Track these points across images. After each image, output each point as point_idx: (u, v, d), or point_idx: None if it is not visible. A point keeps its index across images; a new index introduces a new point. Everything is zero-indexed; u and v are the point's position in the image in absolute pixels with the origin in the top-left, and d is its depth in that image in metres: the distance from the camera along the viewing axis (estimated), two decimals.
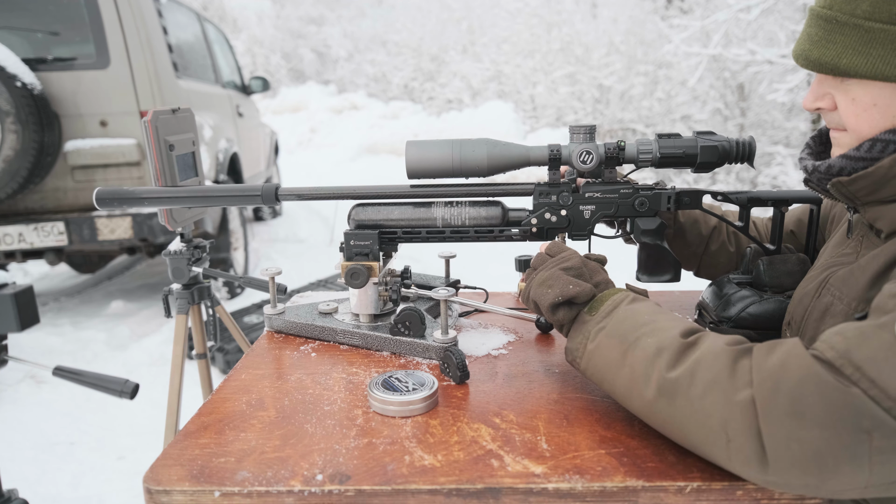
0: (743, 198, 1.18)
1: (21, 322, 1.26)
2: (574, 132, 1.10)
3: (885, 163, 0.79)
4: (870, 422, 0.63)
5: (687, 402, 0.73)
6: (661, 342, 0.78)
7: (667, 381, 0.75)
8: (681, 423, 0.74)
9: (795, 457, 0.65)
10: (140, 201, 1.19)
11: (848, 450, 0.63)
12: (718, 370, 0.71)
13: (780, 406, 0.65)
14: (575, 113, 13.21)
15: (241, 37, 22.21)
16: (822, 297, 0.92)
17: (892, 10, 0.74)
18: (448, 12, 18.97)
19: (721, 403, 0.69)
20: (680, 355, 0.76)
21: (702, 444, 0.73)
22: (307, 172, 10.18)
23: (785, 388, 0.66)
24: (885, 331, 0.66)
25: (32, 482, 2.37)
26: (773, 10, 7.67)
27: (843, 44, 0.79)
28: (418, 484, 0.75)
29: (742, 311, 1.09)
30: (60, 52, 3.56)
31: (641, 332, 0.82)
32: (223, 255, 4.25)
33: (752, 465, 0.68)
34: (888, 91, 0.78)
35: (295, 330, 1.24)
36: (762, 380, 0.68)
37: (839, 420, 0.63)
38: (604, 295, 0.92)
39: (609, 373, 0.84)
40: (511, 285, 1.63)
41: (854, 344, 0.66)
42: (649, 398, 0.77)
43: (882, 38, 0.75)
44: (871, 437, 0.63)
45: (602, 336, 0.86)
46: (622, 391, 0.82)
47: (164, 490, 0.76)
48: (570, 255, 0.98)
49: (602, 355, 0.85)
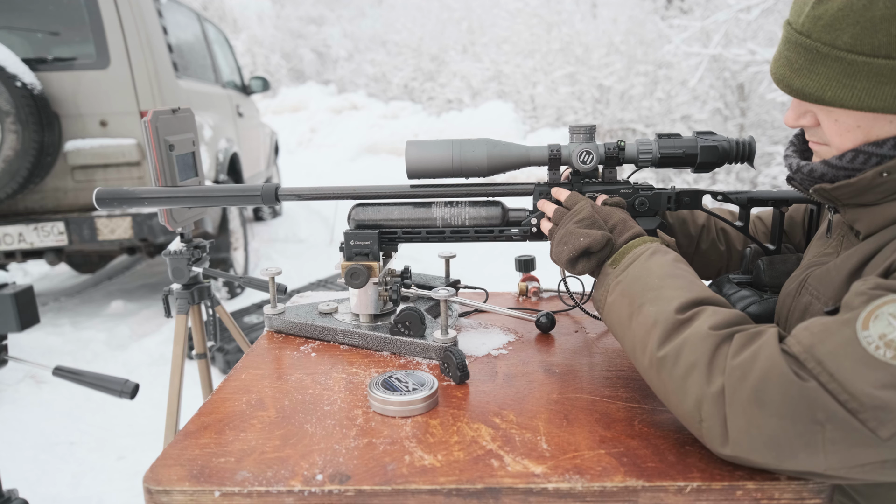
0: (743, 198, 1.18)
1: (21, 322, 1.26)
2: (574, 132, 1.11)
3: (868, 175, 0.80)
4: (823, 414, 0.67)
5: (670, 378, 0.78)
6: (657, 314, 0.82)
7: (656, 357, 0.80)
8: (665, 395, 0.81)
9: (754, 441, 0.71)
10: (140, 201, 1.19)
11: (802, 438, 0.68)
12: (699, 355, 0.76)
13: (744, 395, 0.71)
14: (575, 113, 13.21)
15: (241, 37, 22.20)
16: (801, 297, 0.94)
17: (874, 42, 0.73)
18: (448, 12, 18.97)
19: (697, 387, 0.75)
20: (671, 332, 0.80)
21: (681, 417, 0.79)
22: (307, 172, 10.18)
23: (750, 379, 0.70)
24: (847, 327, 0.69)
25: (32, 482, 2.37)
26: (773, 10, 7.67)
27: (826, 75, 0.78)
28: (418, 484, 0.75)
29: (742, 310, 1.09)
30: (60, 52, 3.56)
31: (647, 297, 0.85)
32: (223, 255, 4.25)
33: (716, 444, 0.74)
34: (871, 115, 0.78)
35: (295, 330, 1.24)
36: (732, 369, 0.72)
37: (795, 411, 0.68)
38: (627, 246, 0.95)
39: (620, 331, 0.89)
40: (511, 285, 1.63)
41: (818, 339, 0.70)
42: (644, 366, 0.84)
43: (866, 71, 0.75)
44: (825, 428, 0.67)
45: (617, 292, 0.90)
46: (629, 350, 0.88)
47: (164, 490, 0.76)
48: (581, 207, 1.00)
49: (615, 312, 0.90)
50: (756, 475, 0.75)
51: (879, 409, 0.65)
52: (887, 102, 0.76)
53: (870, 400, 0.66)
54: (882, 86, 0.75)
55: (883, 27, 0.72)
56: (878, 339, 0.67)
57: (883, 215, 0.82)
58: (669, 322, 0.81)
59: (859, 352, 0.67)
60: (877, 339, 0.67)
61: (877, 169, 0.79)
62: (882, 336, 0.66)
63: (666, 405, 0.84)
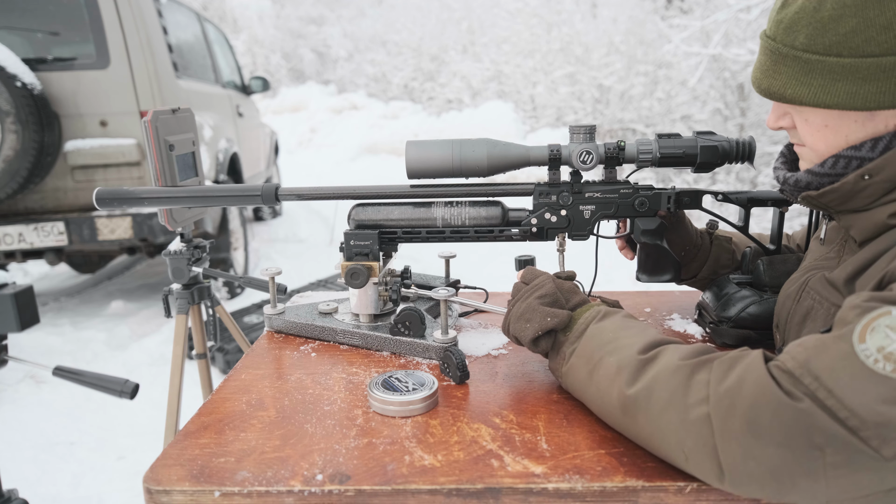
0: (743, 198, 1.18)
1: (21, 322, 1.26)
2: (574, 132, 1.11)
3: (850, 179, 0.81)
4: (822, 437, 0.63)
5: (646, 418, 0.75)
6: (620, 361, 0.80)
7: (627, 398, 0.77)
8: (646, 438, 0.77)
9: (752, 473, 0.67)
10: (140, 201, 1.19)
11: (802, 466, 0.65)
12: (674, 388, 0.73)
13: (737, 425, 0.67)
14: (575, 113, 13.21)
15: (241, 37, 22.20)
16: (802, 301, 0.93)
17: (825, 41, 0.77)
18: (448, 12, 18.97)
19: (676, 423, 0.71)
20: (638, 372, 0.78)
21: (667, 457, 0.75)
22: (307, 172, 10.17)
23: (741, 407, 0.67)
24: (843, 341, 0.66)
25: (32, 482, 2.37)
26: None
27: (787, 74, 0.82)
28: (418, 484, 0.75)
29: (742, 311, 1.09)
30: (60, 52, 3.56)
31: (605, 350, 0.84)
32: (223, 255, 4.25)
33: (710, 478, 0.71)
34: (835, 113, 0.81)
35: (295, 330, 1.24)
36: (719, 398, 0.69)
37: (792, 438, 0.64)
38: (577, 314, 0.93)
39: (583, 392, 0.88)
40: (511, 285, 1.62)
41: (813, 354, 0.67)
42: (616, 416, 0.81)
43: (819, 69, 0.78)
44: (824, 452, 0.64)
45: (574, 358, 0.89)
46: (596, 409, 0.86)
47: (164, 490, 0.76)
48: (542, 282, 0.96)
49: (574, 376, 0.89)
50: None
51: (882, 426, 0.62)
52: (841, 99, 0.78)
53: (871, 416, 0.62)
54: (835, 83, 0.78)
55: (831, 27, 0.76)
56: (876, 353, 0.64)
57: (873, 220, 0.82)
58: (633, 363, 0.79)
59: (857, 365, 0.64)
60: (875, 352, 0.64)
61: (857, 172, 0.81)
62: (880, 349, 0.64)
63: (651, 449, 0.78)
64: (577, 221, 1.14)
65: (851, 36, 0.75)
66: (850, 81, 0.77)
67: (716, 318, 1.14)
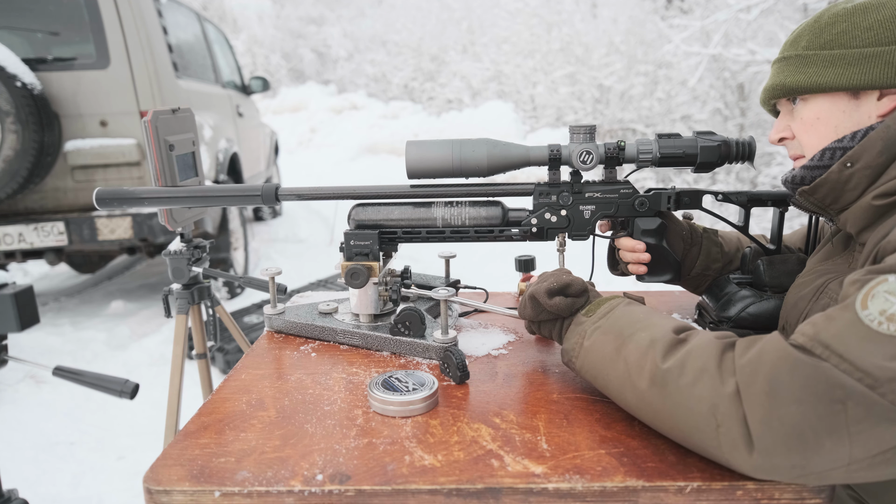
0: (743, 198, 1.18)
1: (21, 322, 1.26)
2: (574, 132, 1.11)
3: (835, 168, 0.91)
4: (842, 392, 0.66)
5: (677, 390, 0.76)
6: (654, 335, 0.83)
7: (659, 370, 0.79)
8: (672, 411, 0.77)
9: (777, 435, 0.68)
10: (140, 201, 1.19)
11: (824, 421, 0.67)
12: (707, 359, 0.76)
13: (759, 388, 0.70)
14: (575, 113, 13.21)
15: (241, 37, 22.19)
16: (819, 300, 0.95)
17: (822, 40, 0.93)
18: (448, 12, 18.96)
19: (710, 389, 0.73)
20: (672, 348, 0.80)
21: (692, 431, 0.75)
22: (307, 172, 10.17)
23: (762, 372, 0.71)
24: (847, 311, 0.71)
25: (32, 482, 2.37)
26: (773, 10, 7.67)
27: (787, 71, 0.97)
28: (418, 484, 0.75)
29: (742, 310, 1.09)
30: (60, 52, 3.56)
31: (636, 327, 0.86)
32: (223, 255, 4.25)
33: (739, 449, 0.71)
34: (826, 104, 0.94)
35: (295, 330, 1.24)
36: (742, 367, 0.73)
37: (813, 394, 0.67)
38: (601, 300, 0.96)
39: (604, 367, 0.87)
40: (511, 285, 1.63)
41: (822, 326, 0.72)
42: (642, 388, 0.81)
43: (815, 60, 0.94)
44: (846, 406, 0.66)
45: (598, 333, 0.90)
46: (616, 384, 0.85)
47: (164, 490, 0.76)
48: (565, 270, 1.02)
49: (598, 350, 0.89)
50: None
51: (894, 381, 0.65)
52: (831, 80, 0.91)
53: (883, 373, 0.66)
54: (827, 69, 0.92)
55: (827, 30, 0.93)
56: (879, 315, 0.69)
57: (861, 207, 0.89)
58: (669, 339, 0.81)
59: (863, 330, 0.69)
60: (878, 315, 0.69)
61: (840, 161, 0.90)
62: (882, 312, 0.69)
63: (671, 426, 0.78)
64: (577, 221, 1.14)
65: (841, 35, 0.91)
66: (838, 66, 0.91)
67: (716, 318, 1.14)
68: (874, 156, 0.87)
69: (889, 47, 0.87)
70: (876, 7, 0.90)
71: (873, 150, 0.87)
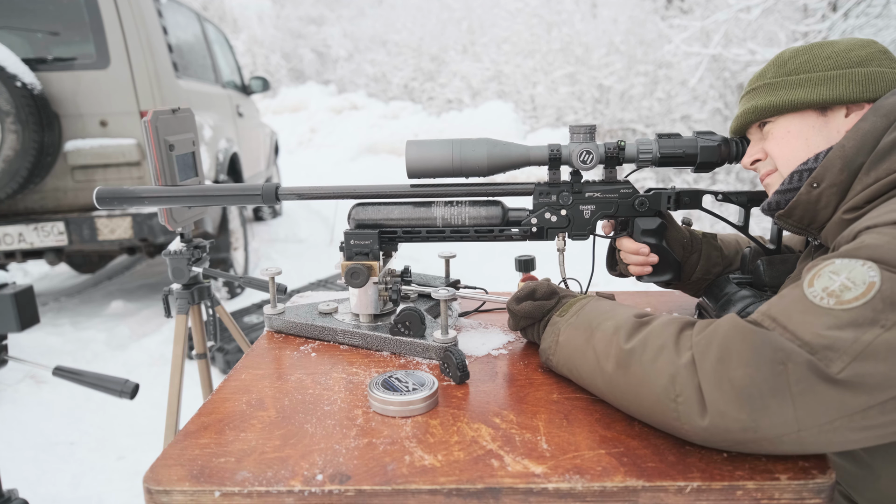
0: (743, 198, 1.18)
1: (21, 322, 1.26)
2: (574, 132, 1.11)
3: (803, 189, 0.97)
4: (783, 354, 0.72)
5: (640, 366, 0.82)
6: (618, 322, 0.90)
7: (623, 351, 0.85)
8: (636, 389, 0.82)
9: (728, 396, 0.73)
10: (140, 201, 1.19)
11: (769, 381, 0.72)
12: (666, 337, 0.82)
13: (712, 356, 0.76)
14: (575, 113, 13.21)
15: (241, 37, 22.19)
16: None
17: (787, 70, 1.02)
18: (448, 12, 18.97)
19: (668, 363, 0.79)
20: (634, 330, 0.86)
21: (654, 405, 0.80)
22: (307, 172, 10.17)
23: (715, 341, 0.77)
24: (796, 289, 0.79)
25: (32, 482, 2.37)
26: (773, 10, 7.67)
27: (759, 97, 1.05)
28: (418, 484, 0.75)
29: (742, 310, 1.09)
30: (60, 52, 3.56)
31: (603, 318, 0.93)
32: (223, 255, 4.25)
33: (694, 416, 0.76)
34: (796, 121, 1.01)
35: (295, 330, 1.24)
36: (697, 342, 0.79)
37: (760, 357, 0.73)
38: (573, 300, 1.03)
39: (576, 359, 0.93)
40: (511, 285, 1.62)
41: (773, 303, 0.80)
42: (609, 371, 0.86)
43: (783, 85, 1.02)
44: (786, 367, 0.72)
45: (570, 329, 0.97)
46: (588, 372, 0.91)
47: (164, 490, 0.76)
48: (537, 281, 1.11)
49: (570, 344, 0.95)
50: (756, 475, 0.75)
51: (828, 349, 0.72)
52: (800, 98, 0.99)
53: (818, 340, 0.72)
54: (794, 90, 1.00)
55: (791, 61, 1.02)
56: (821, 292, 0.76)
57: (836, 224, 0.95)
58: (630, 323, 0.88)
59: (806, 304, 0.76)
60: (820, 291, 0.76)
61: (807, 182, 0.96)
62: (825, 289, 0.76)
63: (636, 404, 0.83)
64: (577, 221, 1.14)
65: (805, 63, 1.01)
66: (805, 87, 0.99)
67: (715, 318, 1.13)
68: (836, 174, 0.93)
69: (850, 69, 0.97)
70: (830, 43, 1.02)
71: (834, 169, 0.93)
